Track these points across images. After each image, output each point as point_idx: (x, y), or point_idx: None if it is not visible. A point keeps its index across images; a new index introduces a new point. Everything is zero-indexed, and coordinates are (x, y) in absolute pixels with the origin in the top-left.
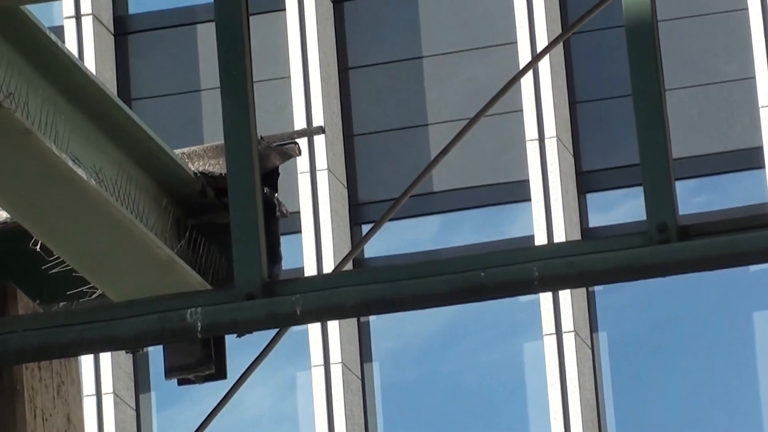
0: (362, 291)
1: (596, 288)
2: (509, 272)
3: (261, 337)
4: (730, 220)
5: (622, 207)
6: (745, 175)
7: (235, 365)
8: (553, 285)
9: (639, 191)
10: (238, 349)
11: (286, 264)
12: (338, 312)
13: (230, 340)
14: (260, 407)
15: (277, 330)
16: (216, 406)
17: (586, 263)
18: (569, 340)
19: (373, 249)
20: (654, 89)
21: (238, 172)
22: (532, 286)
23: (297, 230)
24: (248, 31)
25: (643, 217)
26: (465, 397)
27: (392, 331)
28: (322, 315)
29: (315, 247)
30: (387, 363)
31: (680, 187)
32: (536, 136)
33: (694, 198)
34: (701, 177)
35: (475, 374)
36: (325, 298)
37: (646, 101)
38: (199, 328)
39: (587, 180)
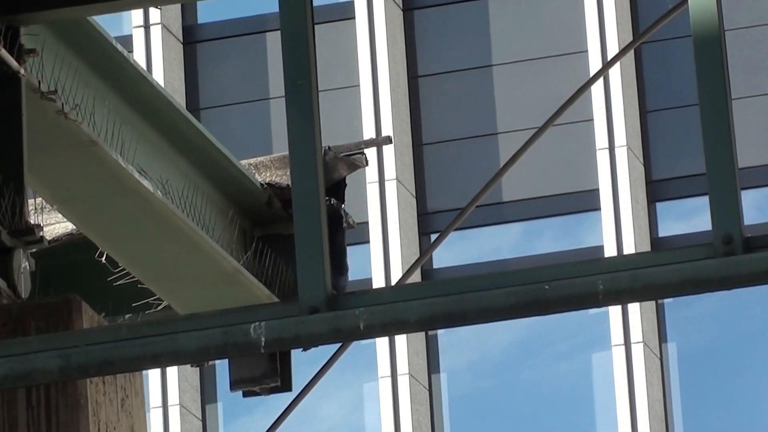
0: (426, 305)
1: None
2: (574, 285)
3: (331, 349)
4: None
5: (693, 216)
6: None
7: (305, 376)
8: (618, 298)
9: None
10: (307, 362)
11: (355, 274)
12: (402, 326)
13: (297, 352)
14: (333, 419)
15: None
16: (277, 419)
17: (651, 276)
18: (638, 351)
19: (442, 258)
20: (720, 100)
21: (302, 183)
22: (597, 300)
23: (365, 240)
24: (314, 41)
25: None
26: (532, 407)
27: (459, 343)
28: (385, 329)
29: (383, 257)
30: (454, 375)
31: (760, 194)
32: (606, 145)
33: None
34: None
35: (543, 385)
36: (388, 313)
37: (712, 113)
38: (263, 343)
39: (657, 189)
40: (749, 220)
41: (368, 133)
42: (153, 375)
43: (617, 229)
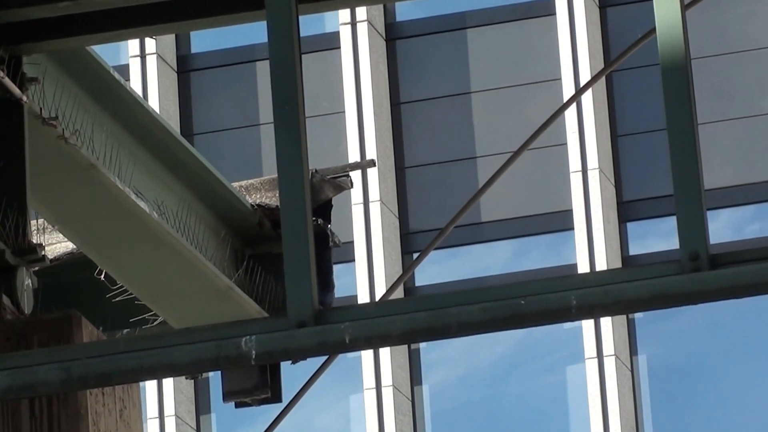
0: (408, 319)
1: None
2: (548, 300)
3: (319, 362)
4: (759, 249)
5: (662, 235)
6: None
7: (295, 388)
8: (590, 313)
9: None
10: (299, 375)
11: (341, 291)
12: (385, 340)
13: (287, 365)
14: (329, 430)
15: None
16: (266, 429)
17: (621, 292)
18: (610, 363)
19: (424, 276)
20: (687, 125)
21: (290, 204)
22: (570, 314)
23: (351, 259)
24: (301, 69)
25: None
26: (509, 418)
27: (441, 356)
28: (369, 343)
29: (368, 274)
30: (436, 386)
31: (735, 213)
32: (579, 168)
33: (749, 225)
34: (755, 204)
35: (519, 396)
36: (372, 327)
37: (679, 137)
38: (253, 356)
39: (628, 209)
40: (723, 238)
41: (353, 156)
42: (150, 387)
43: (590, 247)
